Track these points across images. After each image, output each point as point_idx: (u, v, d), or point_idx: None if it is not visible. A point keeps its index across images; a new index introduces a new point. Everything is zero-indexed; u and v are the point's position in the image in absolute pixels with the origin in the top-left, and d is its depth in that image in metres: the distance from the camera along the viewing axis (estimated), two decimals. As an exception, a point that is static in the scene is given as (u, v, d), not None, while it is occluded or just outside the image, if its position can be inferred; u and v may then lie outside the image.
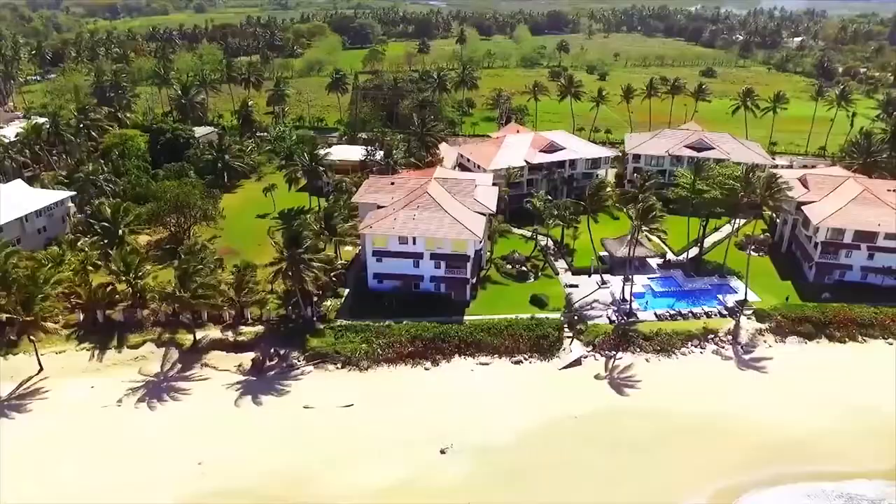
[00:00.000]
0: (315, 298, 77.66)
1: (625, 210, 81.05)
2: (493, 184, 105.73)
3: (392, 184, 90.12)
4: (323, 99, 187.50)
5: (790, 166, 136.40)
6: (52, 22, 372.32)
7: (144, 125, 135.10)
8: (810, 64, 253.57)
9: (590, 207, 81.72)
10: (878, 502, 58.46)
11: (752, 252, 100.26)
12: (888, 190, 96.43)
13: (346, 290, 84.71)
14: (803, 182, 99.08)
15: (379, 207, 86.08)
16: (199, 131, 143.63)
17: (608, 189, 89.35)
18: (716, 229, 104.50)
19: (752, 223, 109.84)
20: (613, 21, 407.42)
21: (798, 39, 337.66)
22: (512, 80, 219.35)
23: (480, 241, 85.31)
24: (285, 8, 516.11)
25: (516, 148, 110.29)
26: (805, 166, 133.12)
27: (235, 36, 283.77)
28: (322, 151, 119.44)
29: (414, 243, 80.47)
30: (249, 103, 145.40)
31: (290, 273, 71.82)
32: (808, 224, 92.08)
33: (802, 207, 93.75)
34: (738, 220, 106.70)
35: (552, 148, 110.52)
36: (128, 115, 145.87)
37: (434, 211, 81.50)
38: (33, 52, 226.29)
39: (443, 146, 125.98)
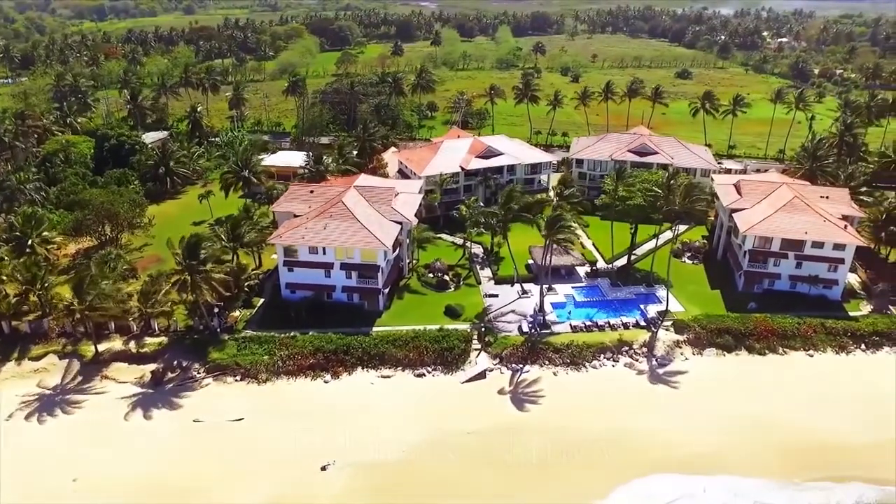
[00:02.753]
0: (216, 309, 76.21)
1: (533, 220, 79.27)
2: (429, 190, 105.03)
3: (311, 192, 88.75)
4: (288, 102, 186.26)
5: (744, 170, 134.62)
6: (34, 24, 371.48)
7: (93, 130, 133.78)
8: (786, 66, 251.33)
9: (503, 217, 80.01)
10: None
11: (687, 260, 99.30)
12: (821, 196, 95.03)
13: (261, 300, 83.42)
14: (737, 188, 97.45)
15: (295, 216, 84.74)
16: (151, 136, 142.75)
17: (525, 197, 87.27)
18: (654, 236, 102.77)
19: (692, 229, 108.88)
20: (598, 22, 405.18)
21: (782, 41, 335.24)
22: (485, 82, 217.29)
23: (395, 251, 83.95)
24: (274, 9, 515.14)
25: (453, 153, 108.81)
26: (758, 170, 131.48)
27: (212, 38, 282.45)
28: (264, 157, 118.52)
29: (324, 253, 79.09)
30: (199, 108, 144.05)
31: (187, 284, 70.32)
32: (737, 232, 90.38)
33: (733, 215, 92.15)
34: (677, 227, 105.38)
35: (489, 153, 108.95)
36: (79, 119, 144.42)
37: (346, 220, 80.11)
38: (1, 55, 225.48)
39: (389, 152, 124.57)
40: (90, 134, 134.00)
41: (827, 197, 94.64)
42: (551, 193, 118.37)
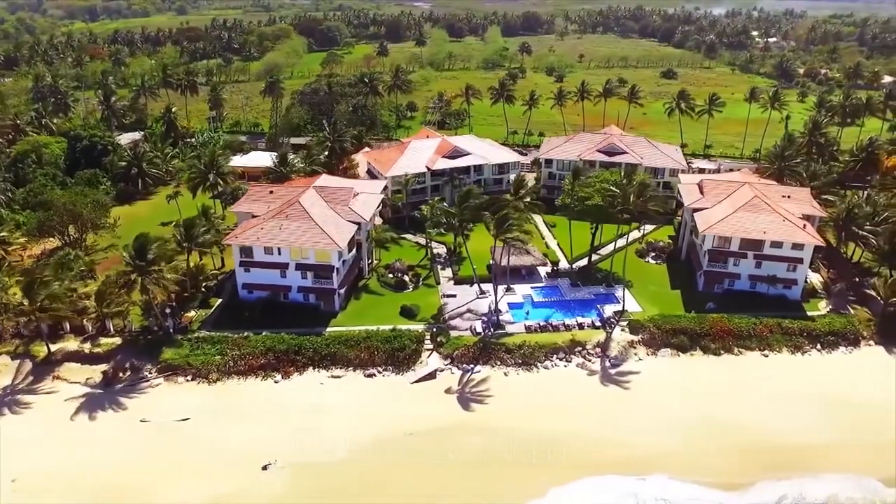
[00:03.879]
0: (168, 310, 76.25)
1: (483, 221, 79.28)
2: (396, 191, 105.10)
3: (271, 192, 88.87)
4: (269, 103, 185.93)
5: (717, 170, 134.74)
6: (24, 25, 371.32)
7: (67, 131, 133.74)
8: (771, 66, 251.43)
9: (458, 218, 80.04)
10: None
11: (651, 260, 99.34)
12: (783, 196, 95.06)
13: (219, 301, 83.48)
14: (700, 188, 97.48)
15: (254, 216, 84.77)
16: (126, 137, 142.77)
17: (482, 197, 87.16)
18: (620, 235, 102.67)
19: (660, 229, 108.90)
20: (588, 22, 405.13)
21: (771, 40, 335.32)
22: (469, 82, 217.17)
23: (352, 251, 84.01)
24: (267, 9, 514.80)
25: (420, 153, 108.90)
26: (731, 170, 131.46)
27: (199, 39, 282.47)
28: (236, 157, 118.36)
29: (279, 253, 79.15)
30: (173, 109, 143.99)
31: (136, 284, 70.34)
32: (698, 231, 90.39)
33: (694, 214, 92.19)
34: (644, 227, 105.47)
35: (455, 153, 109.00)
36: (55, 120, 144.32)
37: (302, 220, 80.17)
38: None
39: (361, 153, 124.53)
40: (65, 135, 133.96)
41: (789, 196, 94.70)
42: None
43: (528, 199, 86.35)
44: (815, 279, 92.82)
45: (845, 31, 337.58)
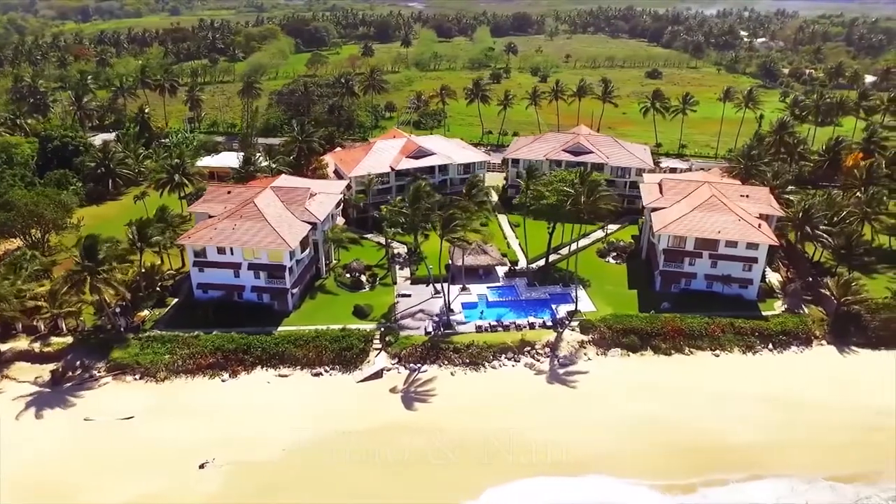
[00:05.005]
0: (118, 309, 76.62)
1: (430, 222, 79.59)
2: (360, 191, 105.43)
3: (228, 193, 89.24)
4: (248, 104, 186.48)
5: (689, 169, 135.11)
6: (14, 25, 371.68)
7: (39, 132, 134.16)
8: (756, 65, 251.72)
9: (411, 218, 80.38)
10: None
11: (612, 260, 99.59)
12: (741, 196, 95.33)
13: (175, 300, 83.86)
14: (660, 187, 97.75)
15: (210, 217, 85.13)
16: (100, 138, 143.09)
17: (434, 196, 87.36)
18: (584, 235, 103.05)
19: (624, 229, 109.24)
20: (579, 22, 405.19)
21: (760, 41, 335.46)
22: (453, 83, 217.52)
23: (306, 251, 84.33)
24: (261, 10, 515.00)
25: (384, 153, 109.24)
26: (703, 169, 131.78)
27: (186, 39, 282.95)
28: (208, 158, 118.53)
29: (232, 253, 79.50)
30: (146, 109, 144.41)
31: (85, 284, 70.67)
32: (654, 231, 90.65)
33: (652, 214, 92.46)
34: (608, 226, 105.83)
35: (420, 154, 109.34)
36: (28, 121, 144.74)
37: (255, 221, 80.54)
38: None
39: (331, 153, 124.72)
40: (37, 135, 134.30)
41: (747, 196, 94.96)
42: (493, 195, 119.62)
43: (482, 200, 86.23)
44: (775, 279, 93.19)
45: (833, 31, 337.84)
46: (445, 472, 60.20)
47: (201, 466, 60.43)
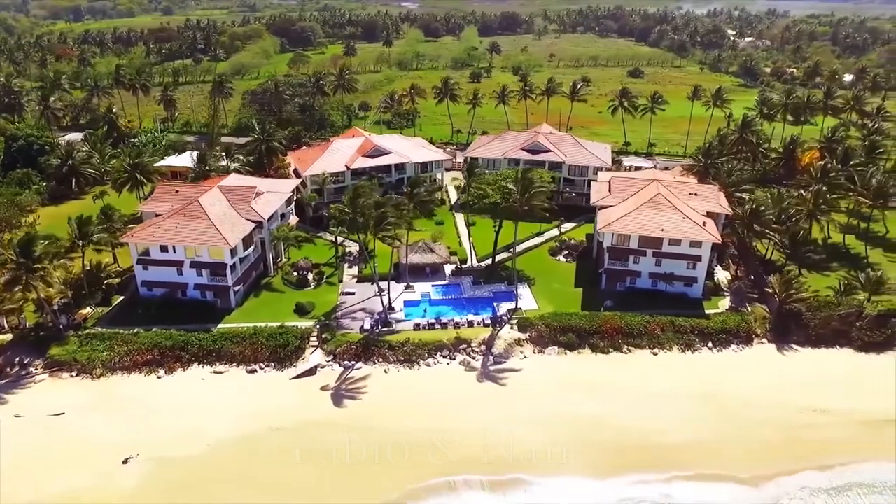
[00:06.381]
0: (56, 307, 77.30)
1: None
2: (315, 190, 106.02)
3: (176, 192, 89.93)
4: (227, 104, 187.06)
5: (654, 168, 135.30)
6: (4, 25, 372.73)
7: (5, 131, 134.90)
8: (739, 64, 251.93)
9: (351, 216, 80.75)
10: None
11: (563, 258, 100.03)
12: (690, 193, 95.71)
13: (121, 298, 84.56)
14: (609, 185, 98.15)
15: (157, 215, 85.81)
16: (69, 137, 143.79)
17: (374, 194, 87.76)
18: (539, 233, 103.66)
19: (580, 227, 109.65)
20: (568, 22, 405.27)
21: (746, 40, 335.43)
22: (435, 82, 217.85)
23: (250, 249, 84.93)
24: (253, 10, 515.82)
25: (341, 153, 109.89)
26: (666, 168, 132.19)
27: (171, 39, 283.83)
28: (171, 157, 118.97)
29: (174, 251, 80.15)
30: (114, 109, 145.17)
31: (19, 282, 71.33)
32: (598, 229, 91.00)
33: (598, 212, 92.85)
34: (563, 225, 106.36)
35: (376, 152, 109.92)
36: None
37: (198, 219, 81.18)
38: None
39: (292, 153, 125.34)
40: (2, 134, 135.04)
41: (696, 194, 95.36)
42: (451, 193, 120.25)
43: (424, 199, 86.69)
44: (724, 277, 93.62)
45: (820, 30, 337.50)
46: (368, 470, 60.55)
47: (125, 462, 61.07)
